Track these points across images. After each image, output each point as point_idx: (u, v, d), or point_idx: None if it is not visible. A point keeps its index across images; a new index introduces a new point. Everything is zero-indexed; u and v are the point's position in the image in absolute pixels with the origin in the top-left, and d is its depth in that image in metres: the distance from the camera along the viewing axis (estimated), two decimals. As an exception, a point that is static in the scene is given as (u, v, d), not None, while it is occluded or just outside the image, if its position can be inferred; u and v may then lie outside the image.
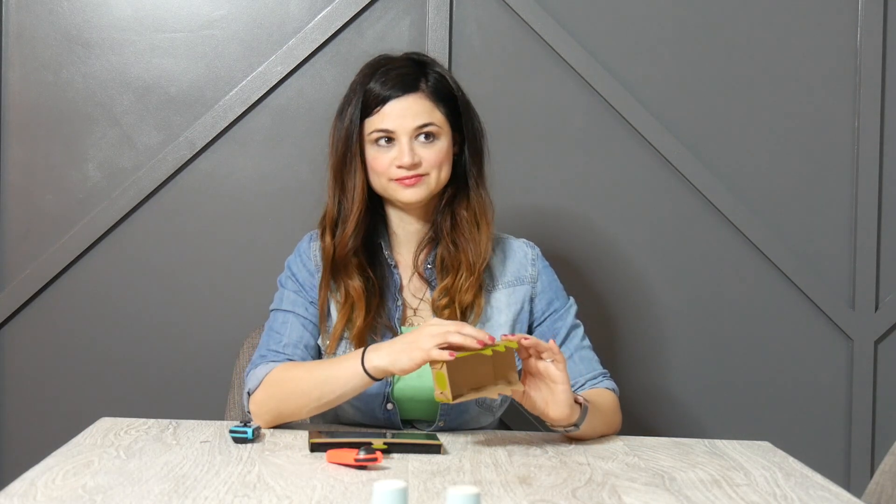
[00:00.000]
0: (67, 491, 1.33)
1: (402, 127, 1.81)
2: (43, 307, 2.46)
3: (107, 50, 2.45)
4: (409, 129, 1.81)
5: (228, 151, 2.46)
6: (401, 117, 1.82)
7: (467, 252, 1.86)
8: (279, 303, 1.90)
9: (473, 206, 1.89)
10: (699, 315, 2.51)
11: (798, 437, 2.49)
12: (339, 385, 1.71)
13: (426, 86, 1.83)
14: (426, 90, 1.83)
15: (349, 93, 1.88)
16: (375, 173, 1.84)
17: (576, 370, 1.87)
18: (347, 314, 1.83)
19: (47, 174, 2.46)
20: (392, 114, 1.82)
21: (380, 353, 1.67)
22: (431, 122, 1.82)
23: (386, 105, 1.82)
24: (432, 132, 1.83)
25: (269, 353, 1.84)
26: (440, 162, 1.83)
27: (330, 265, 1.85)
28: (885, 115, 2.49)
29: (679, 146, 2.47)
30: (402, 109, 1.82)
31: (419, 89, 1.83)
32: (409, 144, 1.81)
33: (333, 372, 1.72)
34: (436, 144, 1.83)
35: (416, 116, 1.82)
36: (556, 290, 1.94)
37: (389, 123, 1.82)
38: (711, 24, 2.48)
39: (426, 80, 1.84)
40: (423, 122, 1.82)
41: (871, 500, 1.64)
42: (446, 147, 1.85)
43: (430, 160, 1.83)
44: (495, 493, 1.40)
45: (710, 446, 1.74)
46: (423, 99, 1.83)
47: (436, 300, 1.86)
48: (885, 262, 2.50)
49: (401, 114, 1.82)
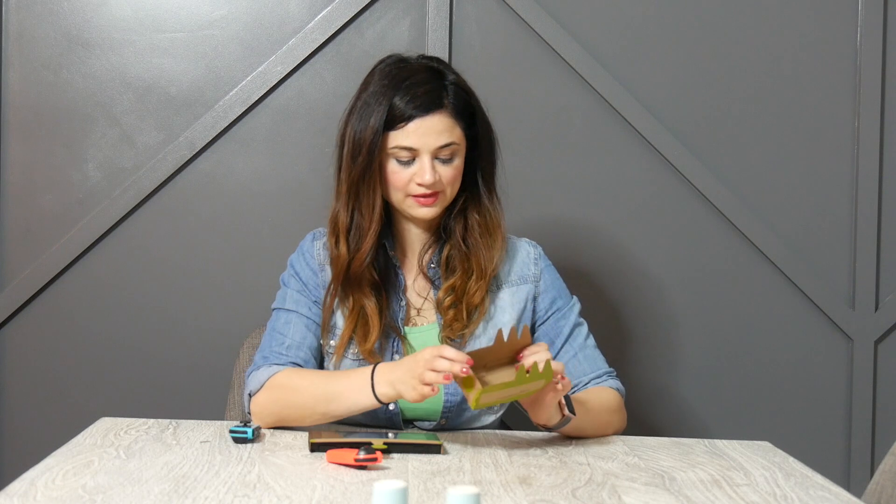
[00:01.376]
0: (67, 491, 1.33)
1: (425, 145, 1.80)
2: (43, 307, 2.46)
3: (107, 50, 2.45)
4: (432, 148, 1.80)
5: (228, 151, 2.46)
6: (425, 136, 1.80)
7: (479, 256, 1.87)
8: (282, 302, 1.89)
9: (486, 213, 1.89)
10: (699, 315, 2.51)
11: (798, 437, 2.49)
12: (347, 406, 1.73)
13: (448, 101, 1.82)
14: (448, 107, 1.81)
15: (368, 98, 1.83)
16: (394, 188, 1.83)
17: (579, 369, 1.87)
18: (354, 324, 1.83)
19: (47, 174, 2.46)
20: (417, 132, 1.80)
21: (386, 383, 1.68)
22: (453, 141, 1.82)
23: (411, 123, 1.79)
24: (453, 151, 1.82)
25: (272, 354, 1.83)
26: (456, 179, 1.84)
27: (342, 276, 1.85)
28: (885, 115, 2.49)
29: (679, 146, 2.47)
30: (427, 128, 1.80)
31: (443, 106, 1.81)
32: (430, 163, 1.80)
33: (342, 392, 1.73)
34: (454, 162, 1.83)
35: (440, 136, 1.80)
36: (559, 289, 1.94)
37: (414, 141, 1.80)
38: (711, 24, 2.48)
39: (447, 94, 1.82)
40: (446, 142, 1.81)
41: (871, 500, 1.64)
42: (462, 163, 1.85)
43: (448, 178, 1.83)
44: (495, 493, 1.40)
45: (710, 446, 1.74)
46: (446, 117, 1.81)
47: (441, 299, 1.86)
48: (885, 262, 2.50)
49: (425, 132, 1.80)
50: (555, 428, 1.72)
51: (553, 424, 1.71)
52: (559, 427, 1.71)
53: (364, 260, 1.83)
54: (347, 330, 1.83)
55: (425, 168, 1.79)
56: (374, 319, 1.82)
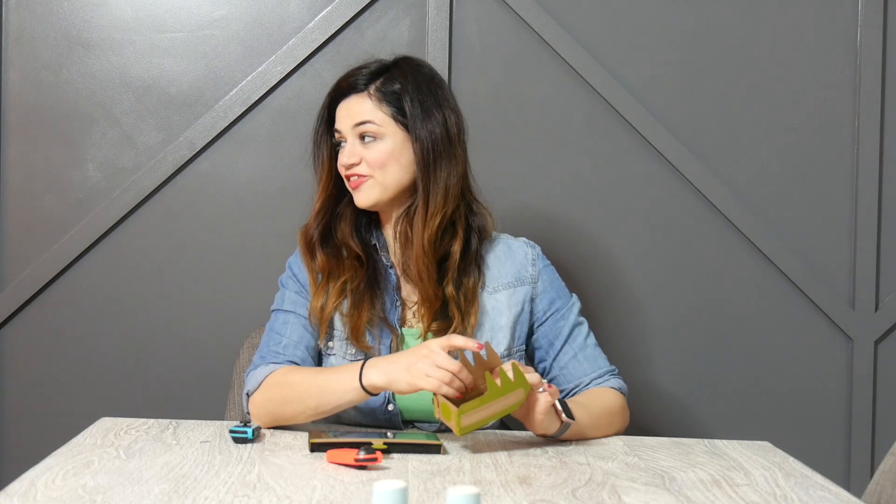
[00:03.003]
0: (67, 491, 1.33)
1: (345, 127, 1.84)
2: (43, 307, 2.46)
3: (107, 50, 2.45)
4: (349, 127, 1.83)
5: (228, 151, 2.46)
6: (346, 118, 1.84)
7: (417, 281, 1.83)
8: (280, 303, 1.90)
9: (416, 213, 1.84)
10: (699, 315, 2.51)
11: (798, 437, 2.49)
12: (336, 397, 1.72)
13: (374, 86, 1.83)
14: (372, 90, 1.83)
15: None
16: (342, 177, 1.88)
17: (580, 370, 1.87)
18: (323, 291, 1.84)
19: (47, 174, 2.46)
20: (340, 113, 1.86)
21: (378, 371, 1.67)
22: (369, 119, 1.82)
23: (337, 107, 1.86)
24: (370, 132, 1.82)
25: (270, 353, 1.84)
26: (382, 162, 1.81)
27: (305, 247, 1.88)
28: (885, 115, 2.49)
29: (679, 146, 2.47)
30: (347, 109, 1.84)
31: (364, 90, 1.84)
32: (350, 146, 1.83)
33: (331, 384, 1.72)
34: (377, 144, 1.82)
35: (356, 115, 1.83)
36: (558, 290, 1.93)
37: (338, 123, 1.85)
38: (711, 24, 2.48)
39: (378, 80, 1.84)
40: (360, 120, 1.82)
41: (871, 500, 1.64)
42: (391, 147, 1.82)
43: (370, 160, 1.81)
44: (495, 493, 1.40)
45: (710, 446, 1.74)
46: (365, 98, 1.83)
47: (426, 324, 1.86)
48: (885, 262, 2.50)
49: (346, 114, 1.84)
50: (556, 435, 1.71)
51: (553, 432, 1.70)
52: (560, 434, 1.71)
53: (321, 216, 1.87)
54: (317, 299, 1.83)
55: (344, 150, 1.83)
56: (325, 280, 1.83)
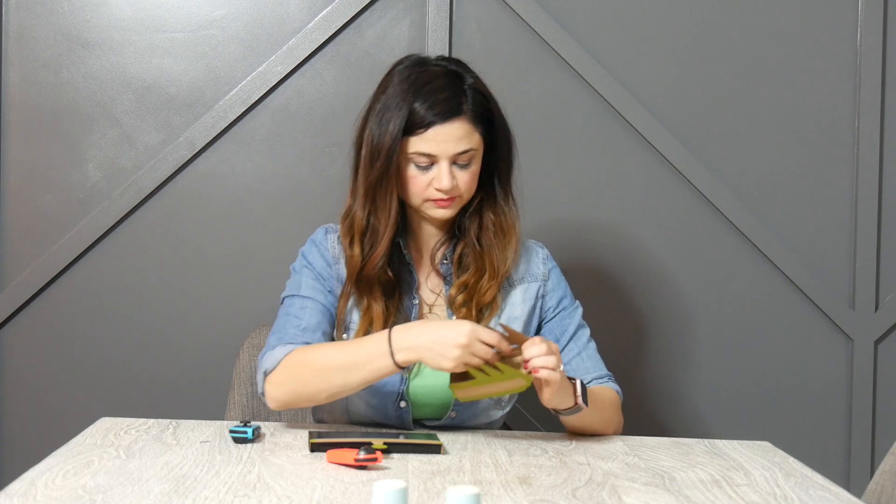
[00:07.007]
0: (67, 491, 1.33)
1: (444, 152, 1.80)
2: (43, 307, 2.47)
3: (107, 50, 2.45)
4: (450, 154, 1.80)
5: (228, 151, 2.46)
6: (444, 142, 1.79)
7: (492, 256, 1.88)
8: (296, 289, 1.88)
9: (501, 213, 1.90)
10: (699, 315, 2.51)
11: (798, 437, 2.49)
12: (365, 374, 1.71)
13: (467, 108, 1.81)
14: (468, 113, 1.81)
15: (388, 102, 1.81)
16: (412, 192, 1.83)
17: (583, 367, 1.89)
18: (368, 324, 1.83)
19: (47, 174, 2.46)
20: (436, 138, 1.79)
21: (410, 346, 1.67)
22: (471, 147, 1.81)
23: (430, 129, 1.79)
24: (471, 157, 1.82)
25: (287, 335, 1.82)
26: (473, 182, 1.84)
27: (355, 277, 1.85)
28: (885, 115, 2.49)
29: (679, 146, 2.47)
30: (446, 135, 1.79)
31: (462, 113, 1.80)
32: (448, 169, 1.80)
33: (358, 358, 1.71)
34: (472, 168, 1.83)
35: (459, 142, 1.80)
36: (565, 289, 1.96)
37: (433, 148, 1.79)
38: (711, 24, 2.48)
39: (466, 99, 1.81)
40: (464, 149, 1.80)
41: (871, 500, 1.64)
42: (479, 167, 1.85)
43: (465, 183, 1.83)
44: (495, 493, 1.40)
45: (710, 446, 1.74)
46: (465, 123, 1.80)
47: (453, 296, 1.87)
48: (885, 262, 2.50)
49: (444, 139, 1.79)
50: (564, 413, 1.72)
51: (563, 409, 1.71)
52: (569, 414, 1.72)
53: (377, 263, 1.83)
54: (362, 328, 1.83)
55: (443, 174, 1.79)
56: (378, 325, 1.82)
